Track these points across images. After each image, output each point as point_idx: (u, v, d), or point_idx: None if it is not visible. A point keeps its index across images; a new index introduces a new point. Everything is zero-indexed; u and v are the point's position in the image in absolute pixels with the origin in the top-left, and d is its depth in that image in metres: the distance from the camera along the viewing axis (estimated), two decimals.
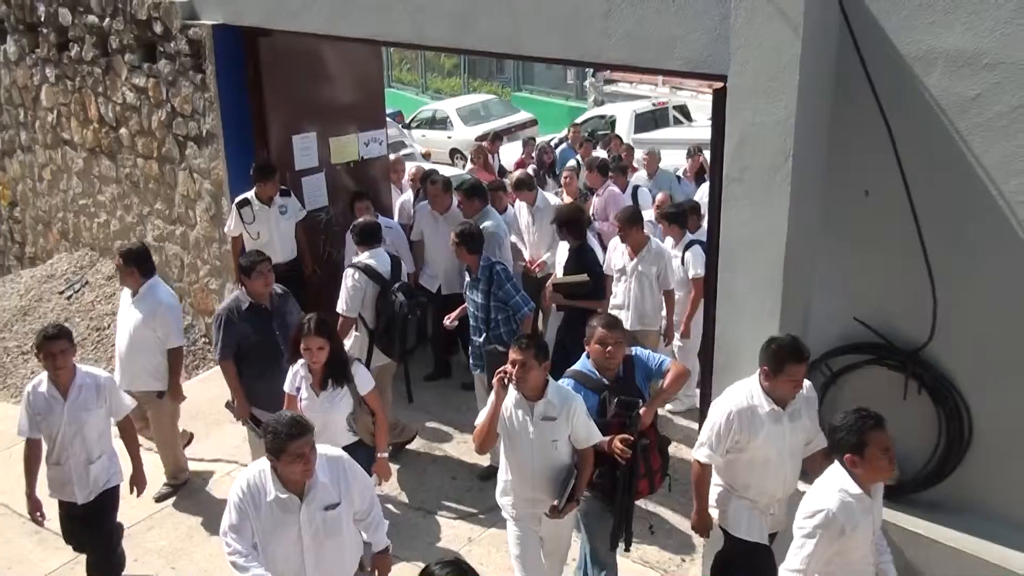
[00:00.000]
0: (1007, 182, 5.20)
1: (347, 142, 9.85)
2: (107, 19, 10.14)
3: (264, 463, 4.77)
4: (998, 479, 5.60)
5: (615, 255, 8.59)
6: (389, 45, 10.04)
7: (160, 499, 7.78)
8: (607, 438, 5.53)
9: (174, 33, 9.39)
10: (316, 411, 6.00)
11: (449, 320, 8.22)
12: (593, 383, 5.72)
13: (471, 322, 7.77)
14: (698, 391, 7.90)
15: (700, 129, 17.58)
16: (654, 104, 19.45)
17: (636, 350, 5.97)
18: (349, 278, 7.65)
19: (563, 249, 8.50)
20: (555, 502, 5.51)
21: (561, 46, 6.60)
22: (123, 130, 10.48)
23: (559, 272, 8.49)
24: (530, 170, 13.79)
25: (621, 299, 8.50)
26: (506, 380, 5.42)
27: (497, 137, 16.42)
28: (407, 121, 22.40)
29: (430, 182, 9.42)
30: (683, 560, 6.79)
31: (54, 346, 6.21)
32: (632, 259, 8.39)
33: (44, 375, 6.36)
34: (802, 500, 4.83)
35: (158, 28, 9.55)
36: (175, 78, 9.56)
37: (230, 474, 7.84)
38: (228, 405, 7.28)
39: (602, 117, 19.36)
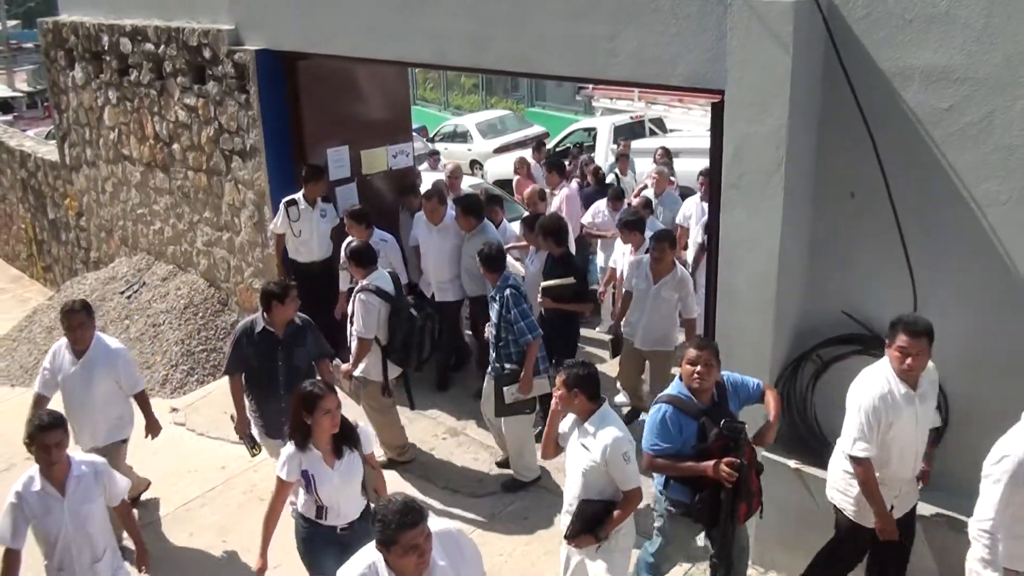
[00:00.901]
0: (978, 186, 5.20)
1: (377, 154, 9.80)
2: (162, 46, 10.13)
3: (373, 554, 3.82)
4: (973, 458, 5.49)
5: (637, 274, 7.74)
6: (414, 66, 10.01)
7: None
8: (707, 463, 4.93)
9: (221, 58, 9.37)
10: (335, 485, 4.97)
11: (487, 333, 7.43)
12: (690, 408, 5.05)
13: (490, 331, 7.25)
14: None
15: (673, 139, 17.68)
16: (631, 117, 19.42)
17: (727, 373, 5.28)
18: (362, 302, 7.10)
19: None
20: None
21: (570, 65, 6.55)
22: (176, 146, 10.46)
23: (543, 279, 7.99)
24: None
25: (635, 317, 7.73)
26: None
27: (541, 145, 15.45)
28: (431, 135, 22.37)
29: (425, 196, 8.82)
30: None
31: (49, 438, 4.96)
32: (655, 283, 7.56)
33: (35, 470, 5.09)
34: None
35: (207, 53, 9.53)
36: (222, 98, 9.53)
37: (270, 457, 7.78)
38: (231, 417, 6.75)
39: (586, 130, 19.34)
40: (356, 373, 7.23)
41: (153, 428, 6.83)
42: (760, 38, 5.28)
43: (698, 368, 4.99)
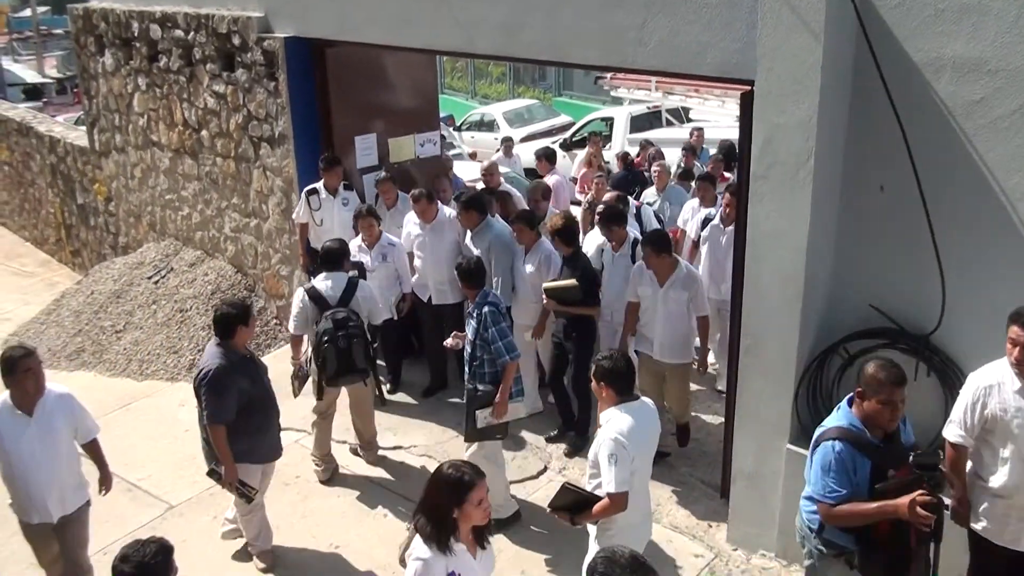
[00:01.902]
0: (1009, 179, 5.17)
1: (404, 143, 9.85)
2: (191, 33, 10.19)
3: None
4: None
5: (642, 280, 7.20)
6: (443, 54, 10.03)
7: None
8: (901, 501, 4.24)
9: (250, 45, 9.42)
10: None
11: (450, 342, 7.06)
12: (865, 446, 4.41)
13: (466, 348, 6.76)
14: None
15: (688, 129, 17.52)
16: (648, 108, 19.37)
17: None
18: (297, 299, 7.18)
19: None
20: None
21: (600, 54, 6.56)
22: (204, 132, 10.54)
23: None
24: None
25: (648, 328, 7.22)
26: None
27: (508, 145, 15.44)
28: (458, 124, 22.40)
29: (412, 197, 8.39)
30: (710, 526, 6.69)
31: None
32: (661, 286, 7.08)
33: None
34: None
35: (236, 40, 9.59)
36: (251, 85, 9.59)
37: (298, 442, 7.85)
38: (211, 473, 6.17)
39: (604, 119, 19.32)
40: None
41: (108, 481, 6.04)
42: (791, 27, 5.27)
43: (895, 410, 4.41)
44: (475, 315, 6.51)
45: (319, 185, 9.01)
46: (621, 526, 4.89)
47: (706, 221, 8.72)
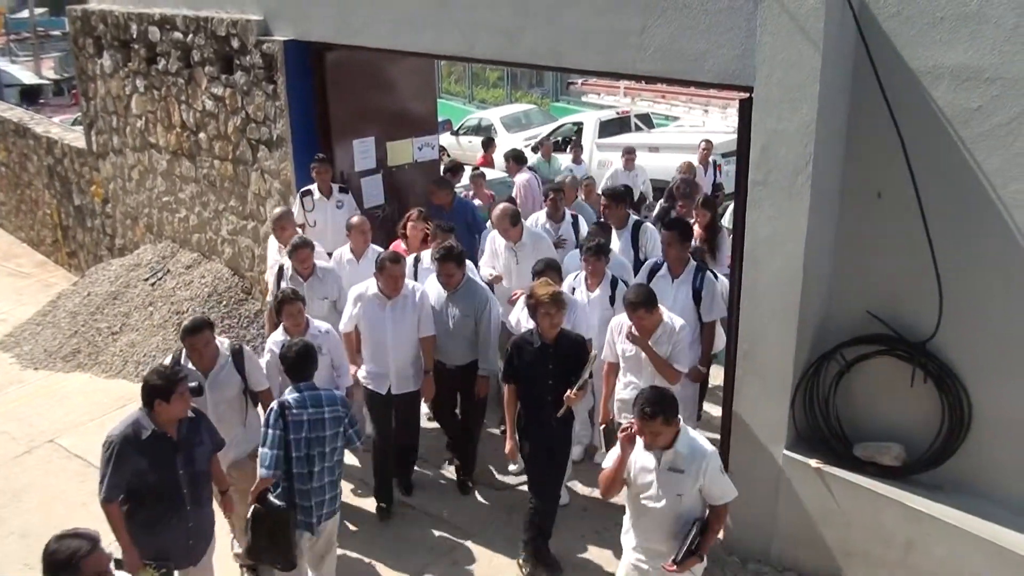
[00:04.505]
0: (1006, 187, 5.19)
1: (402, 146, 9.89)
2: (190, 35, 10.20)
3: None
4: (994, 463, 5.55)
5: (619, 339, 6.39)
6: (443, 59, 10.05)
7: None
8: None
9: (249, 48, 9.43)
10: None
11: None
12: None
13: None
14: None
15: (657, 134, 17.82)
16: (618, 113, 19.47)
17: None
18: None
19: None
20: (673, 556, 4.71)
21: (599, 59, 6.57)
22: (202, 135, 10.54)
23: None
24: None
25: (632, 389, 6.19)
26: (632, 435, 4.72)
27: (457, 169, 12.18)
28: (455, 128, 22.40)
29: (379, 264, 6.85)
30: None
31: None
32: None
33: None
34: None
35: (235, 43, 9.60)
36: (249, 88, 9.60)
37: None
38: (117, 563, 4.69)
39: (574, 124, 19.41)
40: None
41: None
42: (790, 35, 5.28)
43: None
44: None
45: (314, 187, 9.03)
46: None
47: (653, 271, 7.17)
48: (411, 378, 6.92)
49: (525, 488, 6.66)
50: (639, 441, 4.75)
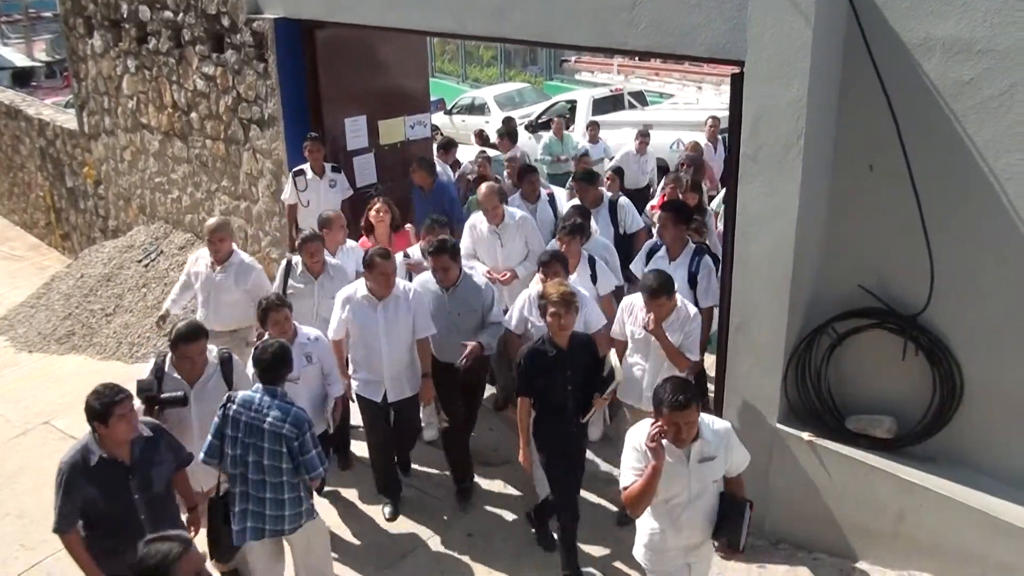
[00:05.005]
0: (998, 160, 5.17)
1: (394, 125, 9.85)
2: (181, 14, 10.14)
3: None
4: (985, 435, 5.57)
5: (629, 320, 6.19)
6: (434, 35, 9.98)
7: None
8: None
9: (240, 26, 9.37)
10: None
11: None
12: None
13: None
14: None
15: (651, 112, 17.65)
16: (611, 90, 19.41)
17: None
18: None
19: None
20: (721, 541, 4.52)
21: (590, 35, 6.53)
22: (194, 114, 10.50)
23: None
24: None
25: (639, 371, 6.17)
26: (663, 439, 4.28)
27: (450, 146, 11.62)
28: (449, 107, 22.32)
29: (366, 263, 6.42)
30: None
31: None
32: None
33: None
34: None
35: (226, 22, 9.54)
36: (240, 67, 9.55)
37: None
38: None
39: (568, 102, 19.37)
40: None
41: None
42: (781, 8, 5.24)
43: None
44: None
45: (306, 166, 8.98)
46: None
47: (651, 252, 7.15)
48: (407, 383, 6.47)
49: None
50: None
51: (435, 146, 11.00)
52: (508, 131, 12.40)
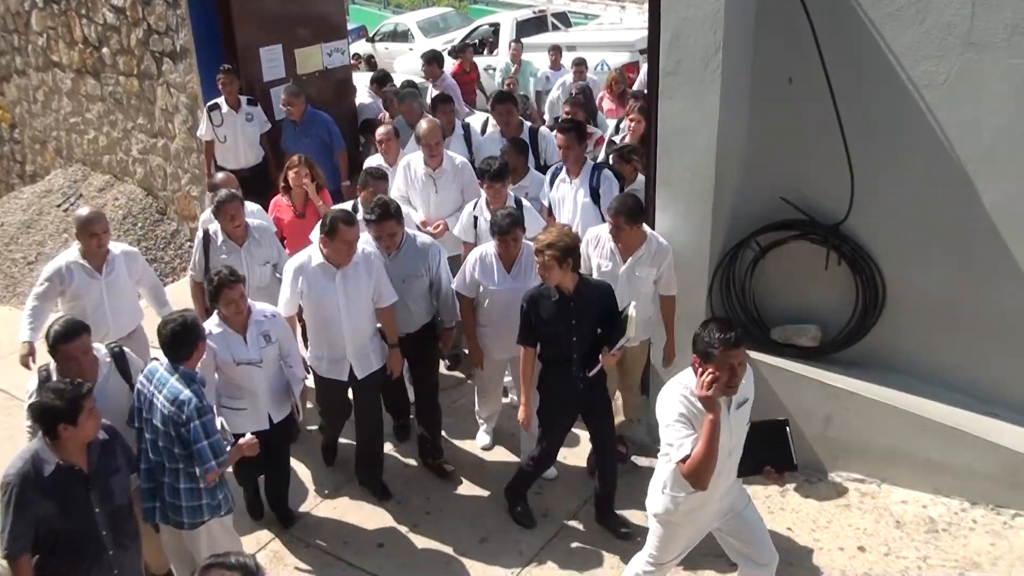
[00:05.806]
0: (915, 67, 5.16)
1: (311, 53, 9.49)
2: None
3: None
4: (908, 338, 5.66)
5: (595, 252, 5.79)
6: None
7: None
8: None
9: None
10: None
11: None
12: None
13: None
14: None
15: (575, 33, 17.47)
16: (535, 12, 19.17)
17: None
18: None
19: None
20: (766, 470, 4.09)
21: None
22: (105, 49, 10.09)
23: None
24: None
25: None
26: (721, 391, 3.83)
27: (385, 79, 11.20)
28: (371, 35, 21.85)
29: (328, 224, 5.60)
30: None
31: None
32: (624, 261, 5.64)
33: None
34: None
35: None
36: None
37: None
38: None
39: (491, 25, 19.10)
40: None
41: None
42: None
43: None
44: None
45: (220, 100, 8.64)
46: None
47: (554, 177, 6.75)
48: (373, 355, 5.77)
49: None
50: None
51: (369, 79, 10.64)
52: (435, 56, 11.16)
